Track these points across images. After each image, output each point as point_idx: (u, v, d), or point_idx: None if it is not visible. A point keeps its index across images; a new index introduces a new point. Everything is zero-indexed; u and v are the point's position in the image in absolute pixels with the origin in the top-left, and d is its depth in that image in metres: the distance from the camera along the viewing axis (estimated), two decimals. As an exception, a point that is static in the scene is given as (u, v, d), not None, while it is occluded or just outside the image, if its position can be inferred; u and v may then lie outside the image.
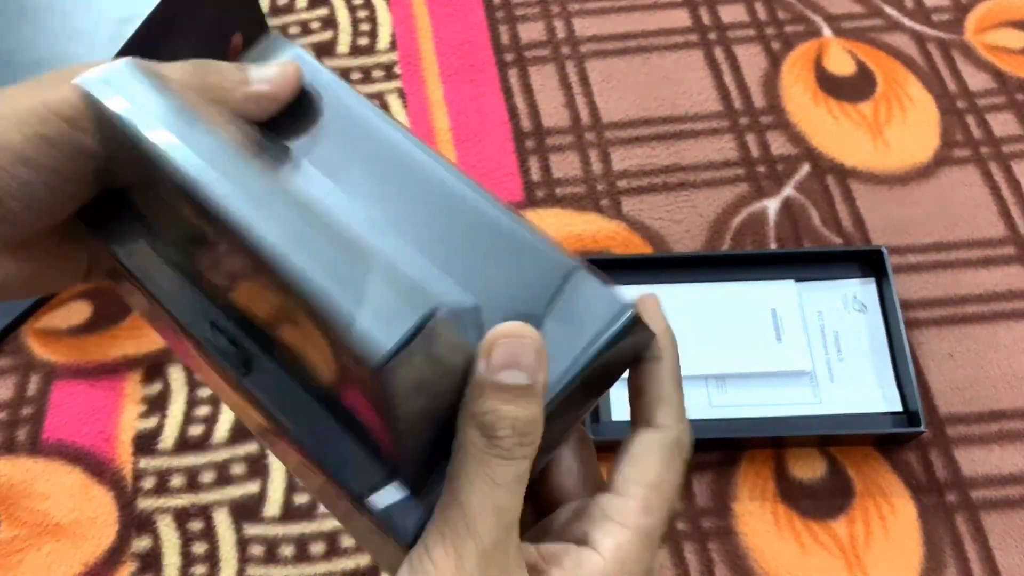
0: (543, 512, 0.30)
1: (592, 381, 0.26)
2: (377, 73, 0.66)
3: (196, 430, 0.52)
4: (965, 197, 0.60)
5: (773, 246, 0.58)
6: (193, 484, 0.51)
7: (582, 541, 0.26)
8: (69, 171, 0.28)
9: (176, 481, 0.51)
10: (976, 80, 0.65)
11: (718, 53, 0.66)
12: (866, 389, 0.52)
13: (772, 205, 0.60)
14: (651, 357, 0.28)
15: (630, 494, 0.27)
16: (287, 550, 0.49)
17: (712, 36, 0.67)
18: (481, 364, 0.23)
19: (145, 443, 0.52)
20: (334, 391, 0.25)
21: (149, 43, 0.54)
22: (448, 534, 0.23)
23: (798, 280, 0.55)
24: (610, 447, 0.51)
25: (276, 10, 0.69)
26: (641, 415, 0.28)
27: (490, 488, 0.23)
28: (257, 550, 0.49)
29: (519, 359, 0.23)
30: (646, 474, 0.27)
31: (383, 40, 0.67)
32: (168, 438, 0.52)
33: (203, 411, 0.53)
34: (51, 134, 0.27)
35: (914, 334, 0.55)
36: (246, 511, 0.50)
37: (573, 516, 0.28)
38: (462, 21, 0.68)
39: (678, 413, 0.28)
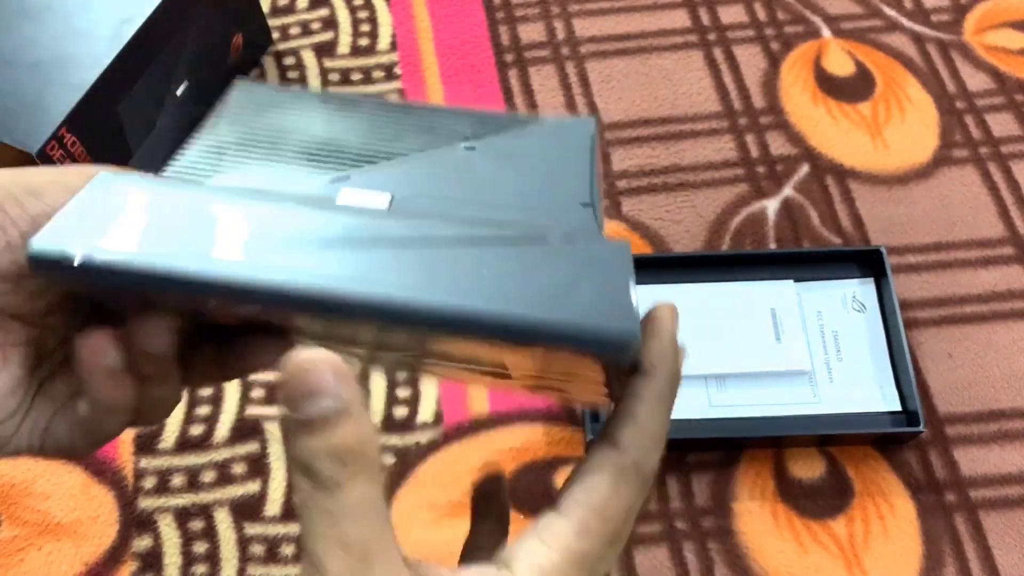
0: None
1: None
2: (377, 74, 0.66)
3: (197, 430, 0.53)
4: (964, 197, 0.60)
5: (772, 246, 0.58)
6: (194, 483, 0.51)
7: (505, 561, 0.24)
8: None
9: (177, 480, 0.51)
10: (975, 80, 0.65)
11: (718, 54, 0.66)
12: (865, 389, 0.52)
13: (771, 205, 0.60)
14: (641, 371, 0.25)
15: (567, 514, 0.24)
16: (287, 549, 0.49)
17: (712, 37, 0.67)
18: (283, 407, 0.22)
19: (146, 442, 0.52)
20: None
21: (149, 43, 0.54)
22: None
23: (797, 280, 0.55)
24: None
25: (276, 11, 0.69)
26: (606, 430, 0.25)
27: (329, 526, 0.21)
28: (258, 549, 0.49)
29: (317, 386, 0.22)
30: (590, 495, 0.24)
31: (383, 41, 0.68)
32: (169, 437, 0.52)
33: (204, 411, 0.53)
34: None
35: (913, 334, 0.55)
36: (247, 510, 0.50)
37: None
38: (462, 22, 0.68)
39: (645, 435, 0.25)
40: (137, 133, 0.56)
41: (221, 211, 0.25)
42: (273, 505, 0.51)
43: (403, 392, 0.54)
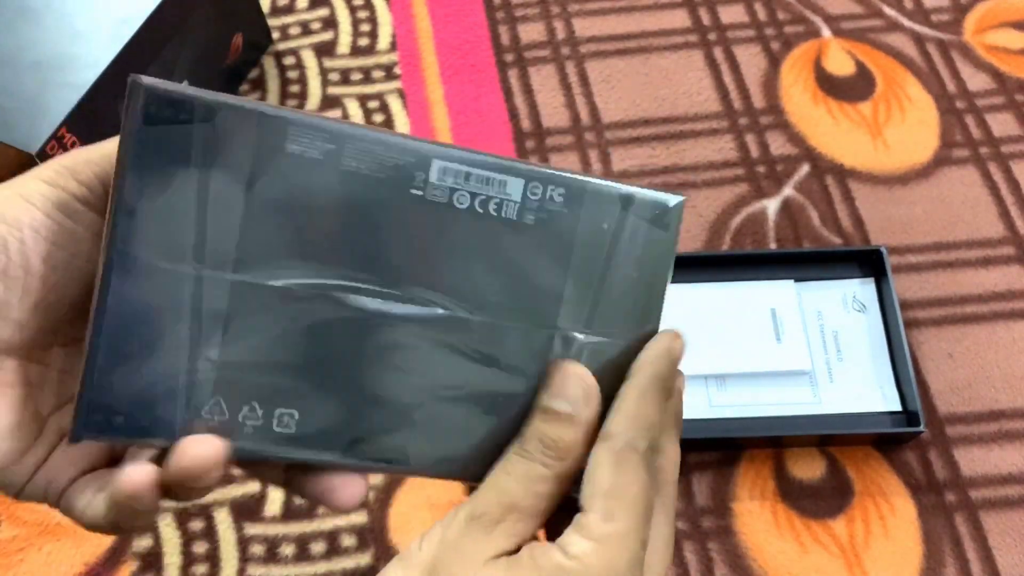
0: None
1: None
2: (377, 73, 0.66)
3: (196, 430, 0.53)
4: (964, 197, 0.60)
5: (773, 246, 0.58)
6: (194, 484, 0.51)
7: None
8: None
9: (177, 481, 0.51)
10: (975, 80, 0.65)
11: (718, 53, 0.66)
12: (865, 389, 0.52)
13: (772, 205, 0.60)
14: (627, 375, 0.29)
15: (588, 507, 0.27)
16: (287, 549, 0.49)
17: (712, 37, 0.67)
18: (541, 391, 0.28)
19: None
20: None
21: (149, 43, 0.54)
22: (459, 505, 0.27)
23: (797, 280, 0.55)
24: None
25: (276, 10, 0.69)
26: (600, 431, 0.29)
27: (502, 474, 0.27)
28: (258, 549, 0.49)
29: (567, 391, 0.28)
30: (598, 484, 0.27)
31: (383, 40, 0.68)
32: (169, 438, 0.52)
33: (203, 411, 0.53)
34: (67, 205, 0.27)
35: (913, 334, 0.55)
36: (247, 510, 0.50)
37: None
38: (462, 21, 0.68)
39: (630, 418, 0.28)
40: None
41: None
42: (273, 505, 0.51)
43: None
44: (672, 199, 0.30)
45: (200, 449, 0.26)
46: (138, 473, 0.25)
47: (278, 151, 0.26)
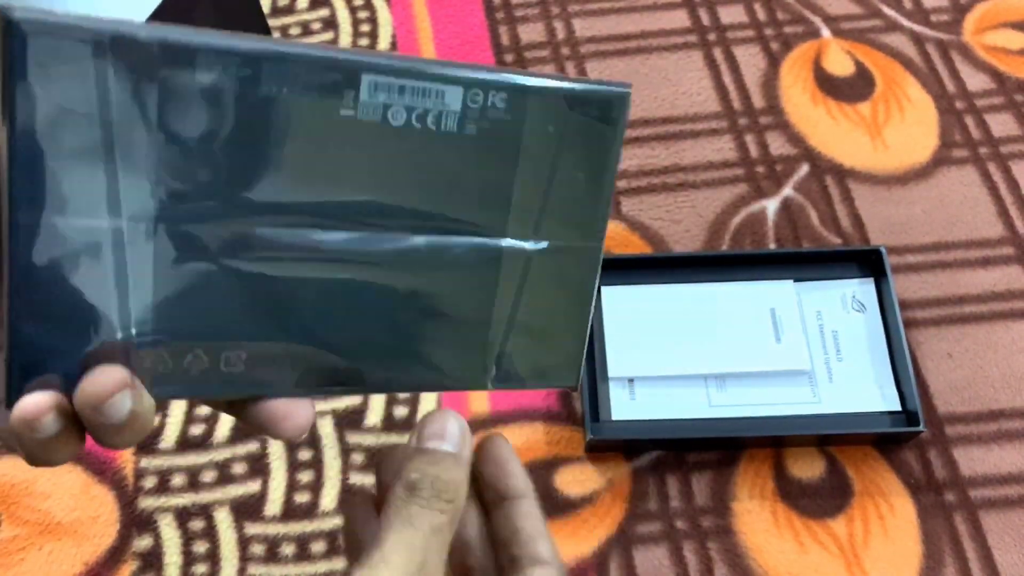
0: None
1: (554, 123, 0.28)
2: (377, 74, 0.66)
3: (197, 429, 0.53)
4: (964, 197, 0.60)
5: (772, 246, 0.58)
6: (194, 483, 0.51)
7: None
8: None
9: (177, 480, 0.51)
10: (975, 81, 0.65)
11: (717, 54, 0.67)
12: (865, 389, 0.52)
13: (771, 205, 0.60)
14: (518, 495, 0.30)
15: (544, 555, 0.28)
16: (288, 549, 0.49)
17: (711, 37, 0.67)
18: (412, 437, 0.28)
19: (146, 442, 0.52)
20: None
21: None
22: (366, 563, 0.26)
23: (797, 280, 0.55)
24: (609, 447, 0.52)
25: (277, 11, 0.69)
26: (524, 552, 0.29)
27: (405, 527, 0.27)
28: (258, 549, 0.49)
29: (444, 432, 0.28)
30: (540, 531, 0.29)
31: (384, 41, 0.68)
32: (169, 437, 0.52)
33: (204, 410, 0.53)
34: None
35: (913, 334, 0.55)
36: (247, 510, 0.50)
37: None
38: (462, 22, 0.68)
39: (555, 548, 0.29)
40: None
41: None
42: (273, 505, 0.51)
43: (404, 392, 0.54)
44: (617, 92, 0.28)
45: (104, 375, 0.24)
46: (34, 399, 0.24)
47: (187, 83, 0.23)
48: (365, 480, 0.51)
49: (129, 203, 0.24)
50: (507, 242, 0.28)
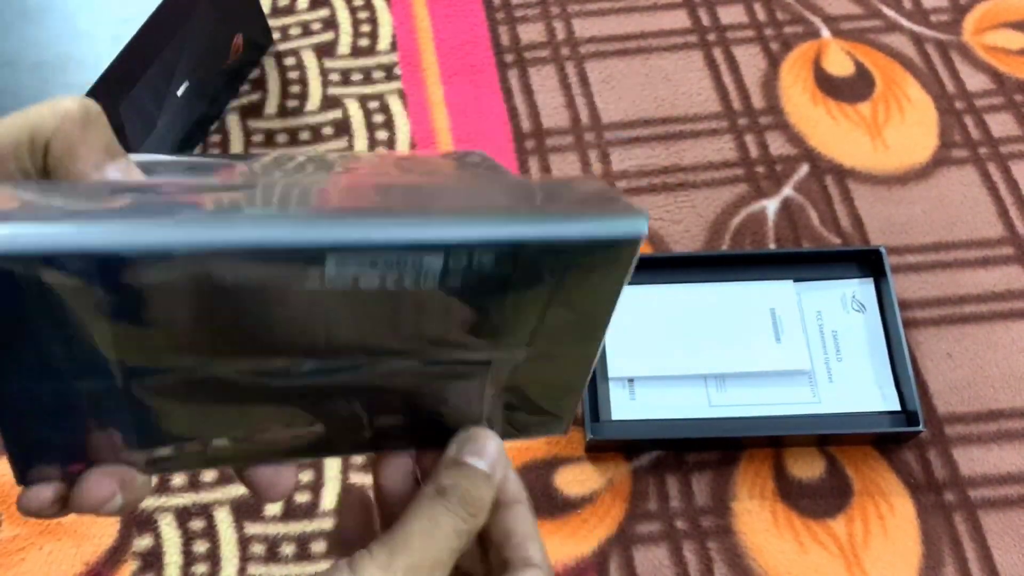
0: None
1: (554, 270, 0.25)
2: (378, 74, 0.66)
3: (197, 429, 0.53)
4: (963, 197, 0.60)
5: (772, 246, 0.58)
6: (194, 483, 0.51)
7: None
8: None
9: (177, 480, 0.51)
10: (974, 81, 0.65)
11: (717, 54, 0.67)
12: (865, 389, 0.52)
13: (771, 205, 0.60)
14: (513, 500, 0.31)
15: (535, 560, 0.29)
16: (288, 549, 0.49)
17: (711, 37, 0.67)
18: (452, 447, 0.29)
19: (146, 442, 0.52)
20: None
21: (150, 44, 0.55)
22: (387, 543, 0.27)
23: (797, 280, 0.55)
24: (609, 447, 0.52)
25: (277, 11, 0.69)
26: (516, 555, 0.30)
27: (430, 522, 0.28)
28: (258, 549, 0.49)
29: (483, 451, 0.29)
30: (534, 534, 0.29)
31: (384, 41, 0.68)
32: (169, 437, 0.52)
33: (204, 410, 0.53)
34: None
35: (912, 334, 0.55)
36: (247, 510, 0.50)
37: None
38: (462, 22, 0.68)
39: (545, 552, 0.30)
40: (138, 133, 0.56)
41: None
42: (273, 505, 0.51)
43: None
44: (627, 234, 0.24)
45: (96, 489, 0.25)
46: (37, 494, 0.25)
47: (132, 288, 0.21)
48: (365, 480, 0.51)
49: (97, 369, 0.23)
50: (496, 355, 0.27)
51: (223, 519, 0.50)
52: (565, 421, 0.31)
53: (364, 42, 0.68)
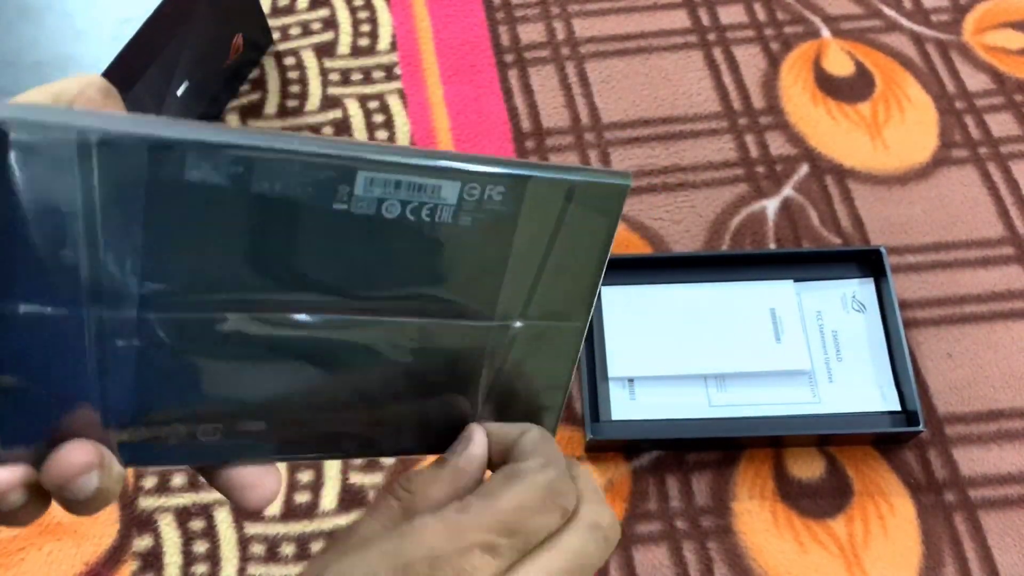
0: None
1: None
2: (378, 74, 0.66)
3: (197, 429, 0.53)
4: (963, 197, 0.60)
5: (772, 246, 0.58)
6: (194, 483, 0.51)
7: None
8: None
9: (177, 480, 0.51)
10: (974, 81, 0.65)
11: (717, 54, 0.67)
12: (865, 389, 0.52)
13: (771, 205, 0.60)
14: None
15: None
16: (288, 549, 0.49)
17: (711, 37, 0.67)
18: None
19: (146, 442, 0.52)
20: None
21: (150, 43, 0.54)
22: (456, 513, 0.27)
23: (797, 280, 0.55)
24: (609, 447, 0.52)
25: (276, 11, 0.69)
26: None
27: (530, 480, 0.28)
28: (258, 549, 0.49)
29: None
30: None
31: (384, 41, 0.68)
32: (169, 437, 0.52)
33: (204, 410, 0.53)
34: None
35: (913, 334, 0.55)
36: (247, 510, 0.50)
37: None
38: (462, 22, 0.68)
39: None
40: (137, 133, 0.56)
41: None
42: (273, 505, 0.51)
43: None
44: (617, 184, 0.28)
45: (71, 455, 0.24)
46: (3, 474, 0.24)
47: (175, 181, 0.23)
48: (365, 480, 0.51)
49: (110, 294, 0.23)
50: (495, 323, 0.29)
51: (223, 519, 0.50)
52: (553, 418, 0.32)
53: (364, 42, 0.68)
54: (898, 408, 0.51)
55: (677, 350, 0.53)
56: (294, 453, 0.28)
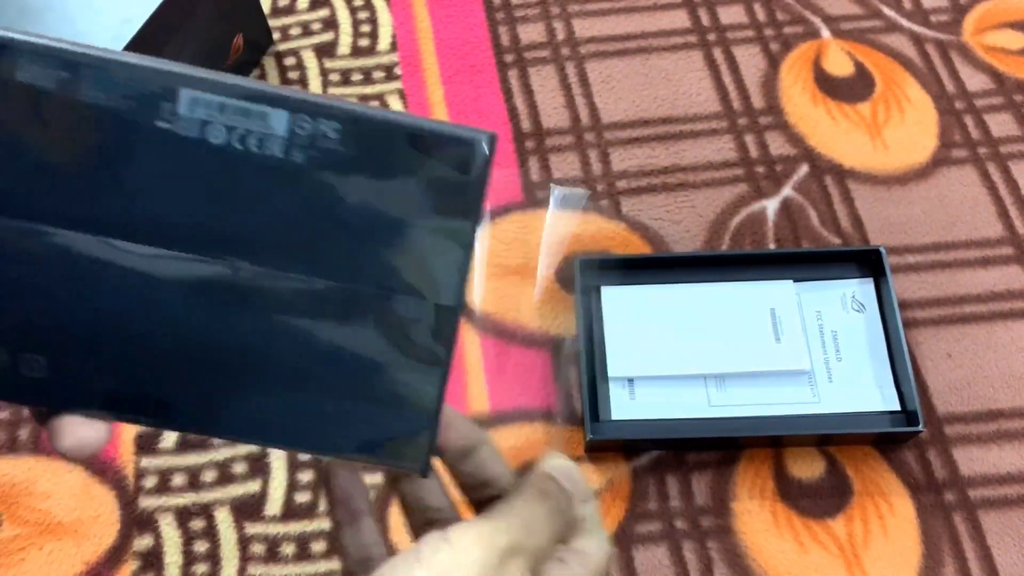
0: None
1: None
2: (378, 74, 0.66)
3: (197, 429, 0.53)
4: (963, 197, 0.60)
5: (772, 246, 0.58)
6: (194, 483, 0.51)
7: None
8: None
9: (178, 480, 0.51)
10: (974, 81, 0.65)
11: (717, 54, 0.67)
12: (864, 388, 0.52)
13: (771, 205, 0.60)
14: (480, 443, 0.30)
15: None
16: (288, 548, 0.49)
17: (711, 37, 0.67)
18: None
19: (147, 442, 0.52)
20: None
21: (150, 44, 0.55)
22: (484, 521, 0.27)
23: (797, 280, 0.55)
24: (609, 447, 0.52)
25: (277, 11, 0.69)
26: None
27: (529, 514, 0.28)
28: (258, 548, 0.50)
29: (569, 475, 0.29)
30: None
31: (384, 41, 0.68)
32: (170, 437, 0.52)
33: (204, 410, 0.53)
34: None
35: (912, 334, 0.55)
36: (247, 510, 0.51)
37: None
38: (462, 22, 0.68)
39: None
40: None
41: None
42: (273, 504, 0.51)
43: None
44: (473, 137, 0.25)
45: None
46: None
47: (7, 82, 0.23)
48: (365, 480, 0.51)
49: None
50: (332, 284, 0.25)
51: (223, 519, 0.50)
52: (420, 455, 0.27)
53: (364, 42, 0.68)
54: (898, 408, 0.51)
55: (677, 350, 0.53)
56: (118, 411, 0.26)
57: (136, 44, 0.53)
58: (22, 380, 0.25)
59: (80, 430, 0.25)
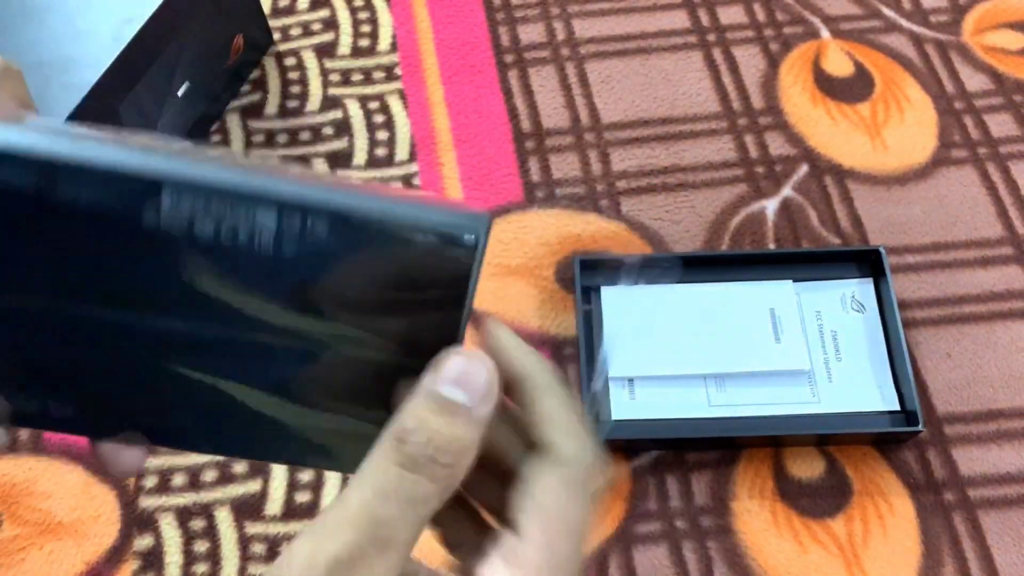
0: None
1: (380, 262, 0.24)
2: (378, 74, 0.66)
3: (197, 429, 0.53)
4: (963, 197, 0.60)
5: (771, 246, 0.58)
6: (195, 483, 0.51)
7: None
8: None
9: (178, 480, 0.51)
10: (974, 81, 0.65)
11: (717, 54, 0.67)
12: (864, 388, 0.52)
13: (771, 205, 0.60)
14: (533, 386, 0.25)
15: (525, 533, 0.23)
16: (288, 548, 0.49)
17: (711, 37, 0.67)
18: (428, 376, 0.23)
19: (147, 442, 0.52)
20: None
21: (151, 44, 0.55)
22: (317, 527, 0.22)
23: (796, 280, 0.55)
24: (609, 447, 0.52)
25: (277, 11, 0.69)
26: (538, 447, 0.25)
27: (373, 495, 0.22)
28: (259, 548, 0.50)
29: (468, 380, 0.23)
30: (543, 508, 0.24)
31: (384, 41, 0.68)
32: (170, 437, 0.52)
33: (204, 410, 0.53)
34: None
35: (912, 334, 0.55)
36: (248, 509, 0.51)
37: (474, 549, 0.25)
38: (462, 22, 0.68)
39: (577, 437, 0.25)
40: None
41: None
42: (274, 504, 0.51)
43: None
44: (465, 231, 0.23)
45: None
46: None
47: None
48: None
49: None
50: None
51: (224, 519, 0.50)
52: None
53: (364, 42, 0.68)
54: (897, 408, 0.51)
55: (677, 350, 0.53)
56: (149, 435, 0.27)
57: (137, 44, 0.53)
58: (55, 420, 0.26)
59: (123, 454, 0.26)
